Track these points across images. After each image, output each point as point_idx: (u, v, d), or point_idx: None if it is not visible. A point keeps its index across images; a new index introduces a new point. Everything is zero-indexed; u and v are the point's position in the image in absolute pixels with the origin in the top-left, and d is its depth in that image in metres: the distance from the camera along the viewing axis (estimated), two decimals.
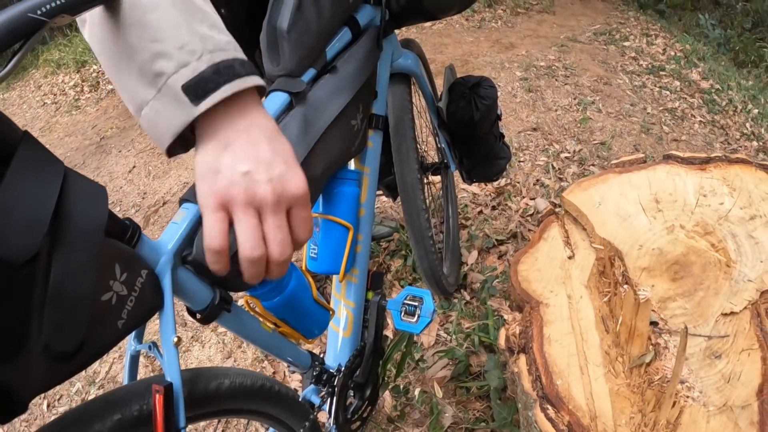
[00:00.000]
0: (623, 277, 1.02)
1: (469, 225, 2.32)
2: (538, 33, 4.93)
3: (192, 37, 0.53)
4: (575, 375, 0.94)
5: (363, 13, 1.01)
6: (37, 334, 0.43)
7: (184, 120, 0.52)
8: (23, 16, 0.42)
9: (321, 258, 1.03)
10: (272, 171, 0.54)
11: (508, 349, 1.04)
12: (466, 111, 1.41)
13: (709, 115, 3.57)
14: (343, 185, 1.02)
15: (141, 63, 0.53)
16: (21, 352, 0.42)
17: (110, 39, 0.55)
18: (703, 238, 1.11)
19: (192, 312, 0.69)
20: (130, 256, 0.55)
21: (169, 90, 0.52)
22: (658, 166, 1.30)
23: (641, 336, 0.92)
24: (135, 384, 0.63)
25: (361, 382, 1.12)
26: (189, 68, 0.52)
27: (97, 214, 0.49)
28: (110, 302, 0.52)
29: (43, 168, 0.45)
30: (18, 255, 0.41)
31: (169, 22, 0.52)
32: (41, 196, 0.44)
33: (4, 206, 0.40)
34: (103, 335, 0.52)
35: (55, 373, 0.47)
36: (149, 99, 0.54)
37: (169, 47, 0.52)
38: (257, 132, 0.55)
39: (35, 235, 0.42)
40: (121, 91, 0.57)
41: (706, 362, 0.94)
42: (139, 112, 0.55)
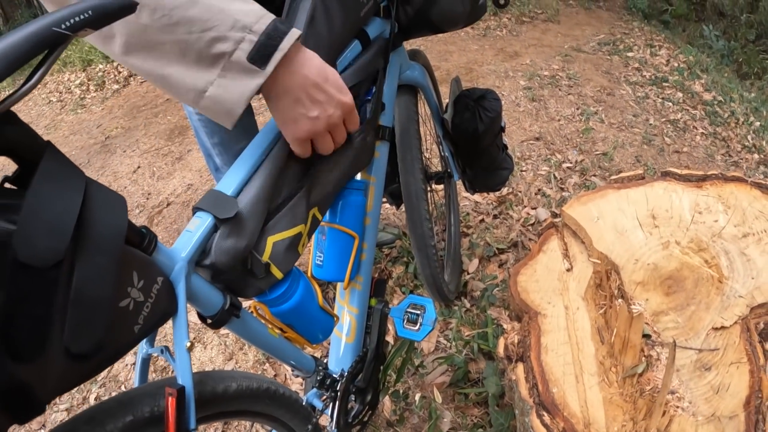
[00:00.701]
0: (619, 290, 1.06)
1: (471, 233, 2.34)
2: (542, 42, 4.95)
3: (237, 15, 0.62)
4: (570, 383, 0.97)
5: (373, 26, 1.02)
6: (58, 336, 0.45)
7: (257, 83, 0.64)
8: (48, 29, 0.43)
9: (326, 265, 1.05)
10: (332, 103, 0.73)
11: (507, 357, 1.08)
12: (470, 123, 1.43)
13: (711, 127, 3.58)
14: (350, 195, 1.03)
15: (197, 52, 0.62)
16: (42, 353, 0.44)
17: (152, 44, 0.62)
18: (697, 255, 1.15)
19: (203, 317, 0.72)
20: (148, 264, 0.58)
21: (235, 65, 0.63)
22: (656, 183, 1.33)
23: (634, 348, 0.96)
24: (146, 386, 0.65)
25: (362, 387, 1.14)
26: (246, 42, 0.62)
27: (118, 222, 0.51)
28: (128, 308, 0.54)
29: (67, 177, 0.47)
30: (44, 260, 0.43)
31: (212, 11, 0.60)
32: (66, 205, 0.46)
33: (31, 213, 0.42)
34: (120, 339, 0.54)
35: (72, 374, 0.49)
36: (213, 79, 0.63)
37: (222, 31, 0.61)
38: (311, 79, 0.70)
39: (61, 242, 0.44)
40: (171, 87, 0.65)
41: (696, 374, 0.97)
42: (200, 95, 0.64)
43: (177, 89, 0.65)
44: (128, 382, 1.88)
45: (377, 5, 1.03)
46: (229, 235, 0.68)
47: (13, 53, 0.41)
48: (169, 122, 3.98)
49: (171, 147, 3.60)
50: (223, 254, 0.67)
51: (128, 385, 1.87)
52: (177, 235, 2.63)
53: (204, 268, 0.68)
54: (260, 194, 0.73)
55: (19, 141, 0.45)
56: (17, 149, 0.45)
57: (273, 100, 0.70)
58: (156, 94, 4.59)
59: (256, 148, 0.77)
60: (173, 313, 0.63)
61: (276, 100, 0.70)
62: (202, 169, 3.20)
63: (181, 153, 3.49)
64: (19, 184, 0.47)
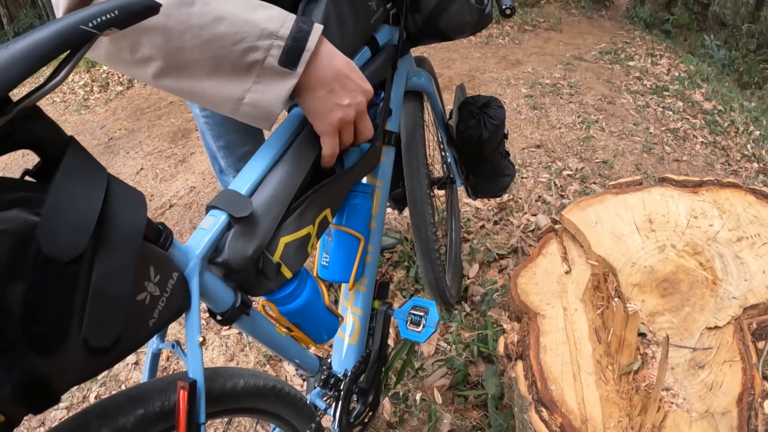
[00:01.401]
0: (616, 291, 1.09)
1: (471, 239, 2.36)
2: (544, 50, 4.98)
3: (262, 24, 0.65)
4: (568, 381, 1.00)
5: (382, 32, 1.05)
6: (77, 329, 0.46)
7: (292, 83, 0.68)
8: (75, 27, 0.44)
9: (332, 266, 1.07)
10: (359, 92, 0.78)
11: (506, 355, 1.10)
12: (475, 130, 1.45)
13: (711, 136, 3.60)
14: (356, 198, 1.05)
15: (230, 64, 0.66)
16: (62, 346, 0.45)
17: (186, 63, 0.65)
18: (692, 258, 1.17)
19: (213, 313, 0.73)
20: (164, 259, 0.59)
21: (268, 71, 0.67)
22: (653, 189, 1.36)
23: (630, 346, 0.98)
24: (157, 381, 0.66)
25: (364, 387, 1.15)
26: (275, 48, 0.66)
27: (137, 219, 0.52)
28: (144, 302, 0.55)
29: (90, 173, 0.48)
30: (66, 254, 0.43)
31: (238, 24, 0.64)
32: (88, 200, 0.46)
33: (55, 206, 0.43)
34: (136, 333, 0.55)
35: (89, 366, 0.49)
36: (250, 86, 0.67)
37: (251, 41, 0.65)
38: (341, 70, 0.74)
39: (83, 236, 0.45)
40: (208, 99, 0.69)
41: (690, 372, 1.00)
42: (239, 103, 0.68)
43: (214, 101, 0.69)
44: (128, 382, 1.89)
45: (387, 13, 1.05)
46: (242, 234, 0.70)
47: (40, 50, 0.42)
48: (173, 125, 4.00)
49: (174, 149, 3.62)
50: (235, 253, 0.69)
51: (128, 384, 1.88)
52: (179, 236, 2.65)
53: (216, 265, 0.69)
54: (276, 194, 0.75)
55: (43, 135, 0.47)
56: (41, 143, 0.47)
57: (306, 94, 0.73)
58: (159, 96, 4.61)
59: (269, 148, 0.79)
60: (186, 309, 0.64)
61: (309, 92, 0.73)
62: (205, 171, 3.22)
63: (184, 155, 3.51)
64: (39, 178, 0.48)
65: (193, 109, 1.53)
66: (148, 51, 0.64)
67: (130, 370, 1.94)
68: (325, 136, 0.79)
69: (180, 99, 4.37)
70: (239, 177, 0.76)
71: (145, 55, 0.65)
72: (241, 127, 1.56)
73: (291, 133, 0.81)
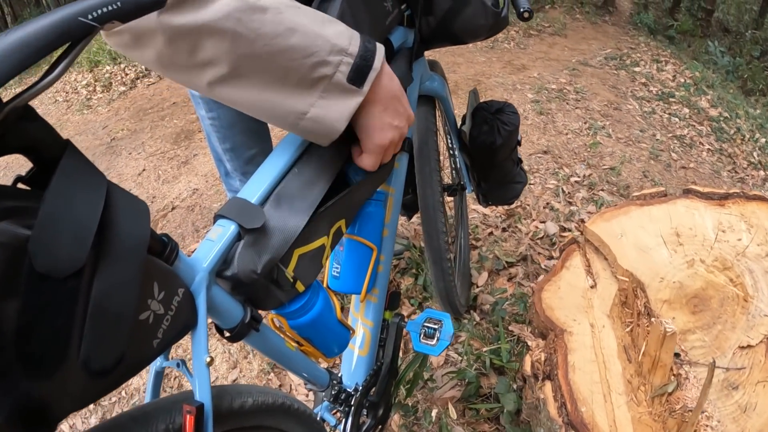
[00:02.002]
0: (645, 308, 1.05)
1: (480, 246, 2.33)
2: (549, 56, 4.97)
3: (332, 39, 0.65)
4: (599, 402, 0.96)
5: (396, 34, 1.01)
6: (76, 351, 0.42)
7: (357, 101, 0.68)
8: (73, 19, 0.40)
9: (344, 277, 1.03)
10: (406, 115, 0.78)
11: (533, 375, 1.06)
12: (488, 136, 1.42)
13: (717, 143, 3.59)
14: (369, 205, 1.02)
15: (298, 77, 0.64)
16: (60, 368, 0.41)
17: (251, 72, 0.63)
18: (722, 273, 1.14)
19: (220, 329, 0.69)
20: (169, 275, 0.55)
21: (335, 86, 0.66)
22: (679, 201, 1.33)
23: (664, 367, 0.94)
24: (161, 401, 0.62)
25: (375, 401, 1.12)
26: (344, 65, 0.65)
27: (141, 230, 0.48)
28: (147, 321, 0.51)
29: (89, 180, 0.44)
30: (63, 269, 0.40)
31: (310, 37, 0.63)
32: (87, 209, 0.42)
33: (50, 217, 0.39)
34: (139, 354, 0.51)
35: (89, 390, 0.46)
36: (314, 100, 0.66)
37: (322, 56, 0.64)
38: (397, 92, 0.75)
39: (81, 249, 0.41)
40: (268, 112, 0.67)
41: (723, 393, 0.96)
42: (301, 117, 0.66)
43: (275, 113, 0.67)
44: (128, 387, 1.86)
45: (401, 14, 1.02)
46: (253, 246, 0.65)
47: (34, 43, 0.38)
48: (176, 126, 3.97)
49: (177, 151, 3.59)
50: (245, 266, 0.64)
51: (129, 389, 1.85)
52: (181, 239, 2.63)
53: (224, 279, 0.65)
54: (294, 206, 0.71)
55: (37, 138, 0.42)
56: (34, 147, 0.42)
57: (364, 111, 0.73)
58: (163, 97, 4.59)
59: (281, 155, 0.75)
60: (193, 326, 0.59)
61: (367, 109, 0.72)
62: (208, 173, 3.19)
63: (187, 157, 3.48)
64: (33, 185, 0.44)
65: (199, 111, 1.49)
66: (211, 55, 0.60)
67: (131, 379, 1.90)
68: (371, 154, 0.78)
69: (183, 100, 4.34)
70: (249, 184, 0.72)
71: (206, 59, 0.61)
72: (247, 130, 1.52)
73: (303, 142, 0.77)
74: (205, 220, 2.73)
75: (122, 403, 1.82)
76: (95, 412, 1.80)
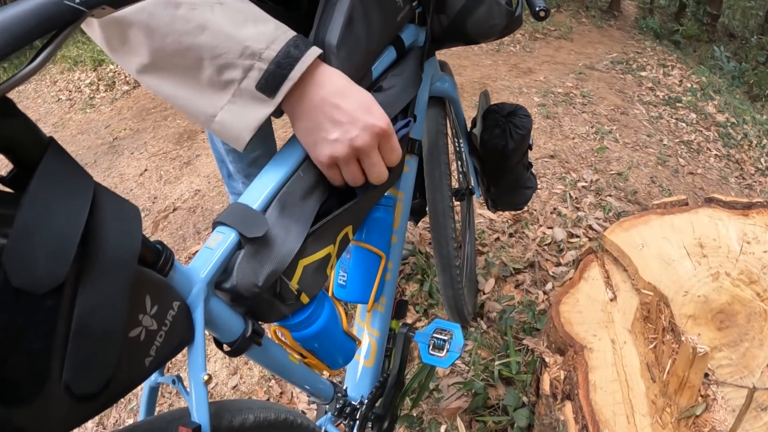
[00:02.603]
0: (670, 324, 1.00)
1: (486, 252, 2.29)
2: (555, 59, 4.94)
3: (246, 41, 0.59)
4: (622, 424, 0.91)
5: (407, 32, 0.97)
6: (58, 374, 0.38)
7: (265, 113, 0.61)
8: (59, 3, 0.37)
9: (350, 286, 0.99)
10: (356, 126, 0.66)
11: (552, 394, 1.01)
12: (500, 139, 1.37)
13: (725, 148, 3.57)
14: (377, 211, 0.98)
15: (207, 78, 0.60)
16: (40, 394, 0.37)
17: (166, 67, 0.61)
18: (748, 287, 1.09)
19: (219, 343, 0.65)
20: (163, 287, 0.50)
21: (244, 93, 0.60)
22: (701, 210, 1.28)
23: (692, 388, 0.90)
24: (155, 420, 0.58)
25: (381, 413, 1.08)
26: (255, 70, 0.59)
27: (131, 238, 0.44)
28: (138, 338, 0.47)
29: (72, 182, 0.40)
30: (41, 284, 0.35)
31: (220, 38, 0.58)
32: (69, 215, 0.38)
33: (27, 225, 0.35)
34: (129, 374, 0.47)
35: (74, 415, 0.41)
36: (223, 104, 0.61)
37: (230, 58, 0.59)
38: (329, 100, 0.65)
39: (62, 262, 0.36)
40: (183, 108, 0.64)
41: (752, 414, 0.91)
42: (210, 119, 0.62)
43: (189, 111, 0.64)
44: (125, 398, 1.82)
45: (413, 11, 0.98)
46: (254, 256, 0.61)
47: (16, 28, 0.34)
48: (179, 126, 3.94)
49: (179, 151, 3.56)
50: (245, 278, 0.60)
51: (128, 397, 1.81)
52: (182, 241, 2.59)
53: (224, 291, 0.61)
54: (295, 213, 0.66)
55: (16, 135, 0.37)
56: (13, 145, 0.38)
57: (294, 122, 0.68)
58: None
59: (284, 159, 0.70)
60: (189, 342, 0.55)
61: (296, 121, 0.67)
62: (210, 175, 3.15)
63: (189, 158, 3.44)
64: (14, 187, 0.39)
65: None
66: (134, 45, 0.60)
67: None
68: (322, 170, 0.71)
69: None
70: (251, 189, 0.67)
71: (131, 48, 0.61)
72: None
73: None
74: (206, 222, 2.70)
75: (119, 408, 1.79)
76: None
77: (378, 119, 0.68)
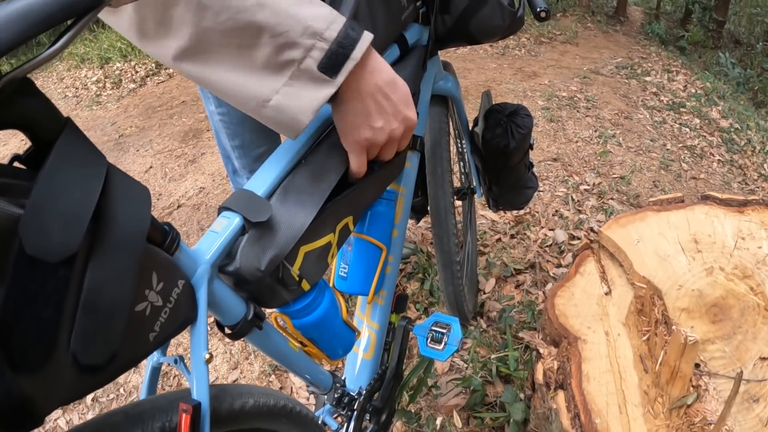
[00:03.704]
0: (663, 316, 1.01)
1: (487, 252, 2.30)
2: (560, 63, 4.95)
3: (307, 20, 0.58)
4: (614, 414, 0.92)
5: (411, 31, 1.00)
6: (66, 344, 0.40)
7: (327, 93, 0.60)
8: None
9: (351, 277, 1.01)
10: (398, 118, 0.70)
11: (545, 384, 1.03)
12: (502, 138, 1.39)
13: (728, 154, 3.56)
14: (379, 205, 1.00)
15: (263, 58, 0.58)
16: (47, 362, 0.38)
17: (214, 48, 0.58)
18: (742, 282, 1.11)
19: (221, 326, 0.66)
20: (169, 265, 0.52)
21: (304, 73, 0.59)
22: (697, 207, 1.29)
23: (684, 378, 0.91)
24: (157, 399, 0.59)
25: (379, 406, 1.09)
26: (317, 50, 0.58)
27: (140, 216, 0.45)
28: (144, 313, 0.48)
29: (87, 160, 0.41)
30: (54, 253, 0.37)
31: (281, 15, 0.56)
32: (83, 191, 0.40)
33: (43, 197, 0.37)
34: (134, 348, 0.49)
35: (78, 386, 0.43)
36: (279, 87, 0.59)
37: (292, 37, 0.57)
38: (382, 89, 0.67)
39: (75, 234, 0.38)
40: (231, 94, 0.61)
41: (744, 406, 0.93)
42: (263, 104, 0.60)
43: (237, 96, 0.61)
44: (127, 385, 1.84)
45: (417, 11, 1.01)
46: (257, 241, 0.63)
47: (36, 14, 0.35)
48: (184, 124, 3.96)
49: (185, 149, 3.58)
50: (248, 262, 0.61)
51: (127, 387, 1.83)
52: (186, 237, 2.61)
53: (227, 274, 0.62)
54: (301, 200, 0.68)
55: (35, 114, 0.39)
56: (32, 123, 0.39)
57: (339, 104, 0.67)
58: (172, 95, 4.59)
59: (290, 148, 0.72)
60: (192, 321, 0.57)
61: (342, 104, 0.67)
62: (215, 172, 3.18)
63: (194, 155, 3.47)
64: (31, 165, 0.41)
65: (208, 107, 1.47)
66: (176, 26, 0.56)
67: (130, 373, 1.88)
68: (350, 152, 0.73)
69: (193, 99, 4.34)
70: (256, 176, 0.69)
71: (171, 30, 0.57)
72: (258, 127, 1.50)
73: (314, 134, 0.75)
74: (210, 219, 2.72)
75: (120, 400, 1.80)
76: (92, 408, 1.78)
77: (414, 114, 0.73)
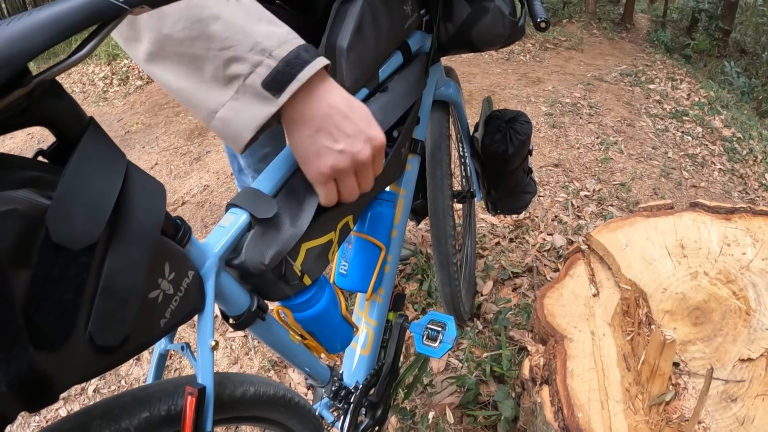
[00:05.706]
0: (647, 318, 1.05)
1: (486, 255, 2.33)
2: (565, 69, 4.97)
3: (258, 37, 0.58)
4: (596, 409, 0.96)
5: (414, 38, 1.03)
6: (83, 325, 0.43)
7: (269, 112, 0.59)
8: (106, 1, 0.40)
9: (351, 275, 1.04)
10: (360, 138, 0.67)
11: (531, 379, 1.07)
12: (501, 144, 1.42)
13: (729, 163, 3.56)
14: (380, 206, 1.03)
15: (213, 70, 0.58)
16: (66, 341, 0.42)
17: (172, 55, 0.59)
18: (725, 286, 1.14)
19: (226, 316, 0.70)
20: (180, 256, 0.55)
21: (249, 89, 0.58)
22: (685, 213, 1.33)
23: (663, 375, 0.95)
24: (164, 383, 0.63)
25: (374, 401, 1.12)
26: (263, 66, 0.58)
27: (156, 210, 0.49)
28: (156, 300, 0.52)
29: (108, 157, 0.45)
30: (78, 241, 0.40)
31: (233, 29, 0.57)
32: (106, 185, 0.43)
33: (69, 190, 0.40)
34: (146, 332, 0.52)
35: (93, 365, 0.46)
36: (225, 101, 0.59)
37: (240, 52, 0.57)
38: (337, 108, 0.64)
39: (97, 224, 0.41)
40: (185, 101, 0.62)
41: (722, 405, 0.96)
42: (212, 115, 0.60)
43: (191, 104, 0.62)
44: (128, 377, 1.87)
45: (420, 19, 1.04)
46: (263, 237, 0.66)
47: (63, 21, 0.38)
48: (190, 122, 4.00)
49: (190, 147, 3.62)
50: (252, 256, 0.65)
51: (128, 379, 1.87)
52: None
53: (233, 267, 0.66)
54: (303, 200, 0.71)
55: (61, 113, 0.43)
56: (58, 122, 0.43)
57: (292, 130, 0.65)
58: None
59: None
60: (200, 310, 0.60)
61: (295, 129, 0.64)
62: (219, 171, 3.21)
63: (199, 153, 3.51)
64: (54, 159, 0.44)
65: None
66: (141, 30, 0.58)
67: (132, 365, 1.91)
68: (315, 185, 0.70)
69: None
70: (263, 176, 0.72)
71: (138, 34, 0.59)
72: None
73: None
74: (214, 217, 2.75)
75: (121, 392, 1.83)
76: (93, 399, 1.81)
77: (379, 133, 0.69)
